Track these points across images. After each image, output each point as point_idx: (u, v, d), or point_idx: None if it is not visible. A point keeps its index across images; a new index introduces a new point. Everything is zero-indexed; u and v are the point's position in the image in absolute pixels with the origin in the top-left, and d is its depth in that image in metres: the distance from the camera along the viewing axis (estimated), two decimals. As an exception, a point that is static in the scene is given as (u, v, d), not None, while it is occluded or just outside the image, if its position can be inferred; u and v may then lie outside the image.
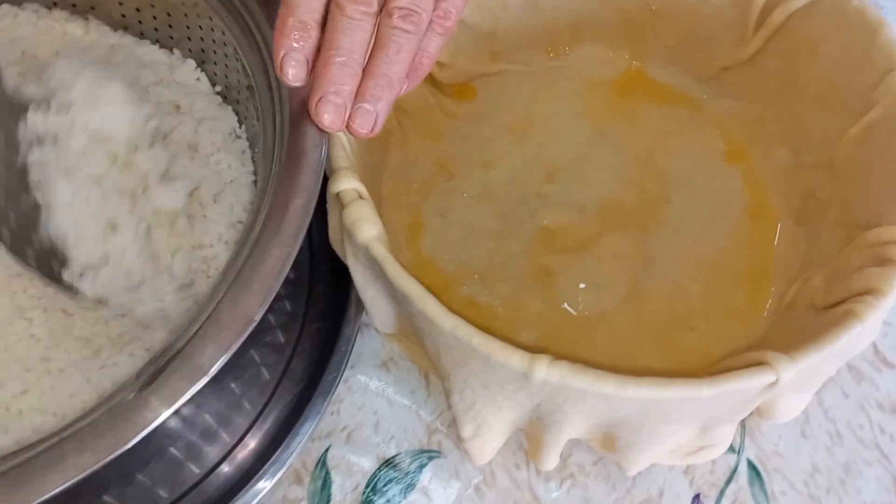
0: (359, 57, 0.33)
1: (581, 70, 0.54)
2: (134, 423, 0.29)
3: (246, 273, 0.32)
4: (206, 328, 0.31)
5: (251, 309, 0.31)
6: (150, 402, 0.29)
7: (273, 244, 0.32)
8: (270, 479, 0.41)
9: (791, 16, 0.45)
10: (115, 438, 0.28)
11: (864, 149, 0.42)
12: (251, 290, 0.31)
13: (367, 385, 0.46)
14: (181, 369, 0.30)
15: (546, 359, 0.34)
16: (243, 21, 0.42)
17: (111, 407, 0.29)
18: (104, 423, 0.29)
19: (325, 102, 0.33)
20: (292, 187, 0.34)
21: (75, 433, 0.29)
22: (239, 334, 0.30)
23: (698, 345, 0.46)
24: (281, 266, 0.32)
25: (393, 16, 0.33)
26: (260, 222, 0.33)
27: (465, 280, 0.47)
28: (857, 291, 0.37)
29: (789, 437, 0.45)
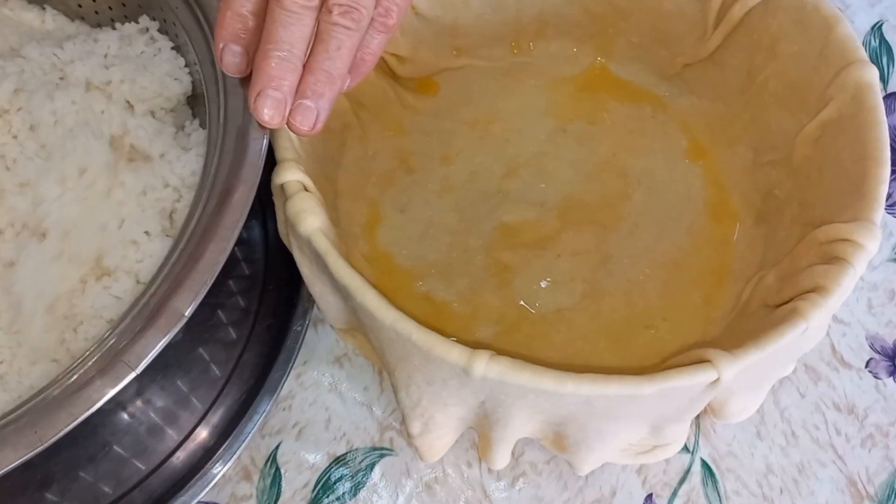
0: (298, 52, 0.33)
1: (545, 66, 0.53)
2: (56, 420, 0.28)
3: (180, 268, 0.31)
4: (135, 324, 0.30)
5: (182, 305, 0.30)
6: (74, 398, 0.29)
7: (210, 239, 0.32)
8: (217, 474, 0.41)
9: (749, 12, 0.45)
10: (36, 436, 0.28)
11: (819, 147, 0.42)
12: (184, 286, 0.31)
13: (319, 381, 0.46)
14: (109, 366, 0.29)
15: (486, 354, 0.33)
16: (194, 12, 0.41)
17: (34, 404, 0.29)
18: (27, 420, 0.28)
19: (263, 97, 0.33)
20: (231, 181, 0.33)
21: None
22: (168, 331, 0.30)
23: (655, 343, 0.45)
24: (215, 261, 0.31)
25: (333, 12, 0.33)
26: (197, 216, 0.33)
27: (423, 275, 0.47)
28: (805, 289, 0.36)
29: (744, 438, 0.45)
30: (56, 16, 0.48)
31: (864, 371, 0.47)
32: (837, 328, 0.48)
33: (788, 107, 0.45)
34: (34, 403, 0.30)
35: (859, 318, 0.48)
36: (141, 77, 0.42)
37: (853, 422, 0.45)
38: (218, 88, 0.37)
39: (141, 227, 0.38)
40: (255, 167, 0.34)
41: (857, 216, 0.37)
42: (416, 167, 0.50)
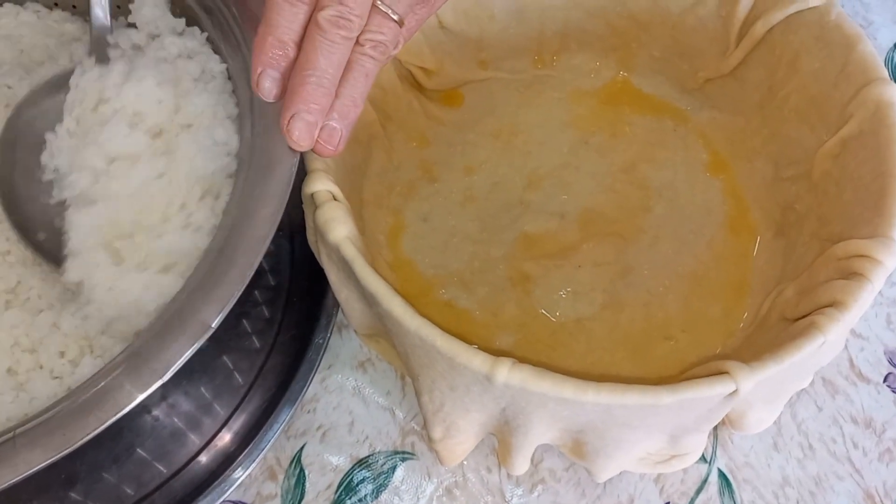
0: (333, 78, 0.34)
1: (567, 79, 0.54)
2: (85, 423, 0.29)
3: (208, 280, 0.32)
4: (163, 334, 0.31)
5: (209, 316, 0.31)
6: (102, 403, 0.30)
7: (238, 253, 0.33)
8: (237, 480, 0.42)
9: (772, 29, 0.45)
10: (65, 438, 0.29)
11: (839, 163, 0.42)
12: (211, 297, 0.32)
13: (343, 385, 0.47)
14: (136, 373, 0.30)
15: (508, 362, 0.34)
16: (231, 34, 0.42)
17: (64, 406, 0.30)
18: (56, 422, 0.30)
19: (296, 119, 0.34)
20: (261, 196, 0.34)
21: (29, 430, 0.30)
22: (194, 341, 0.31)
23: (674, 355, 0.46)
24: (242, 275, 0.32)
25: (365, 46, 0.35)
26: (226, 228, 0.34)
27: (445, 283, 0.48)
28: (823, 304, 0.37)
29: (761, 449, 0.45)
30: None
31: (882, 385, 0.47)
32: (856, 342, 0.48)
33: (809, 122, 0.45)
34: (64, 406, 0.31)
35: (878, 333, 0.48)
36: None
37: (871, 436, 0.45)
38: (252, 106, 0.38)
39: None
40: (286, 184, 0.35)
41: (876, 232, 0.37)
42: (439, 177, 0.51)
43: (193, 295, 0.33)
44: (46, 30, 0.48)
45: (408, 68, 0.50)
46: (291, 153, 0.36)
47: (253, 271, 0.34)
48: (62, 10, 0.50)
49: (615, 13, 0.51)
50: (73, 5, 0.50)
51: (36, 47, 0.48)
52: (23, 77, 0.44)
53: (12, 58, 0.47)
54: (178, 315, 0.33)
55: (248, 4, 0.41)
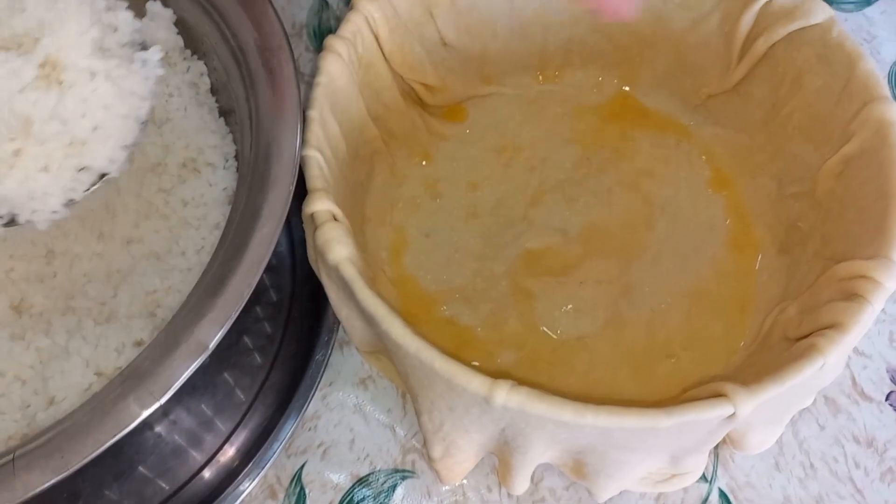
0: None
1: (570, 94, 0.54)
2: (83, 446, 0.30)
3: (205, 300, 0.32)
4: (159, 354, 0.31)
5: (207, 337, 0.31)
6: (100, 425, 0.30)
7: (236, 273, 0.33)
8: (239, 496, 0.42)
9: (773, 46, 0.45)
10: (63, 460, 0.29)
11: (842, 181, 0.42)
12: (208, 318, 0.32)
13: (344, 402, 0.47)
14: (134, 394, 0.30)
15: (506, 384, 0.34)
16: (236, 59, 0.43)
17: (62, 429, 0.30)
18: (54, 444, 0.30)
19: None
20: (258, 218, 0.34)
21: (27, 452, 0.30)
22: (192, 361, 0.31)
23: (676, 373, 0.46)
24: (240, 296, 0.32)
25: None
26: (224, 250, 0.34)
27: (447, 300, 0.48)
28: (824, 325, 0.37)
29: (762, 468, 0.45)
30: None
31: (884, 404, 0.47)
32: (858, 360, 0.48)
33: (812, 140, 0.45)
34: (62, 428, 0.31)
35: (880, 351, 0.48)
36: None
37: (873, 455, 0.45)
38: (251, 122, 0.39)
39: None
40: (283, 203, 0.35)
41: (877, 253, 0.37)
42: (442, 193, 0.51)
43: (191, 315, 0.33)
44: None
45: (410, 85, 0.50)
46: (290, 174, 0.36)
47: (251, 291, 0.34)
48: None
49: (618, 29, 0.51)
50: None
51: None
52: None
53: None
54: (176, 335, 0.33)
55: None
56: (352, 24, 0.44)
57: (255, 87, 0.41)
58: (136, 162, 0.44)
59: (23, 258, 0.42)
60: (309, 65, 0.58)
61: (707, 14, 0.47)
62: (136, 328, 0.39)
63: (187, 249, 0.42)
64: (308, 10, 0.60)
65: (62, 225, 0.43)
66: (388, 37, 0.46)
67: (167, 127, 0.44)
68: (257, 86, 0.41)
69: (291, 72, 0.40)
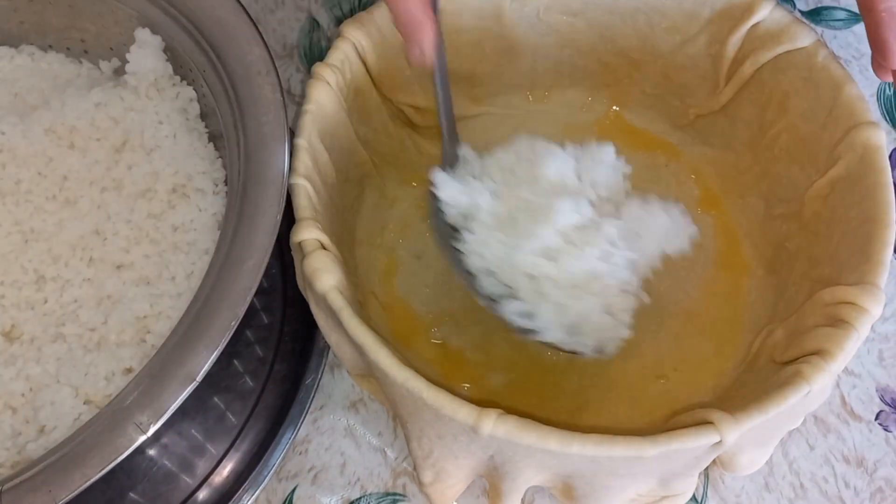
0: None
1: (560, 114, 0.54)
2: (70, 480, 0.30)
3: (192, 332, 0.33)
4: (148, 388, 0.32)
5: (194, 368, 0.32)
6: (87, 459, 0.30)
7: (222, 304, 0.33)
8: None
9: (760, 68, 0.45)
10: (50, 495, 0.29)
11: (829, 204, 0.42)
12: (196, 349, 0.32)
13: (335, 425, 0.47)
14: (120, 427, 0.31)
15: (493, 413, 0.34)
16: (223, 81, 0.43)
17: (49, 462, 0.30)
18: (41, 478, 0.30)
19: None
20: (246, 247, 0.35)
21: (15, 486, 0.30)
22: (179, 393, 0.31)
23: (666, 394, 0.46)
24: (227, 327, 0.33)
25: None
26: (211, 280, 0.34)
27: (437, 322, 0.48)
28: (809, 351, 0.37)
29: (752, 489, 0.45)
30: (92, 69, 0.50)
31: (873, 423, 0.47)
32: (848, 380, 0.48)
33: (799, 162, 0.45)
34: (49, 462, 0.31)
35: (870, 370, 0.48)
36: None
37: (862, 475, 0.45)
38: (239, 153, 0.39)
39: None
40: (270, 234, 0.35)
41: (862, 279, 0.37)
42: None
43: (178, 347, 0.34)
44: (41, 73, 0.49)
45: (400, 107, 0.50)
46: (276, 204, 0.36)
47: (238, 322, 0.34)
48: (57, 52, 0.50)
49: (606, 51, 0.51)
50: (67, 47, 0.50)
51: (31, 91, 0.48)
52: (16, 123, 0.44)
53: (8, 102, 0.47)
54: (165, 365, 0.33)
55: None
56: (339, 52, 0.44)
57: (242, 114, 0.41)
58: (126, 188, 0.44)
59: (13, 284, 0.43)
60: (300, 85, 0.59)
61: (694, 36, 0.47)
62: (126, 356, 0.39)
63: (177, 275, 0.42)
64: (299, 30, 0.60)
65: (52, 250, 0.43)
66: (375, 61, 0.46)
67: (157, 153, 0.44)
68: (245, 112, 0.41)
69: (279, 98, 0.41)
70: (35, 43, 0.50)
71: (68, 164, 0.44)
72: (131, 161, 0.45)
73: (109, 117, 0.45)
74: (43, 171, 0.44)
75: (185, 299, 0.41)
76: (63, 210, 0.44)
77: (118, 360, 0.38)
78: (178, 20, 0.44)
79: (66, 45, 0.50)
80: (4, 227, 0.43)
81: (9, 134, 0.44)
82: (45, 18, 0.49)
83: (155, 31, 0.45)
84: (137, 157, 0.45)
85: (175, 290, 0.42)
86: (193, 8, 0.43)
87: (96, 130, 0.45)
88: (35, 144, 0.44)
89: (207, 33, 0.43)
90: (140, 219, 0.44)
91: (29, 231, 0.43)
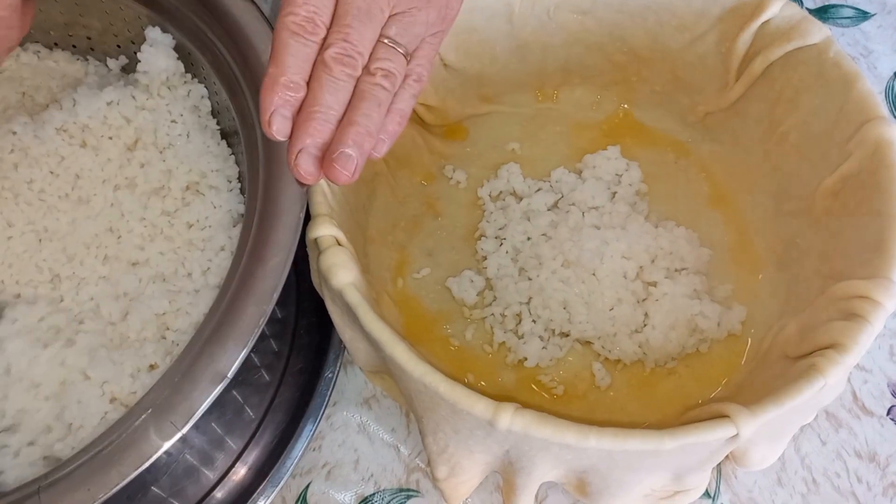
0: (338, 114, 0.35)
1: (569, 112, 0.54)
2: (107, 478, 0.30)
3: (220, 331, 0.33)
4: (179, 386, 0.32)
5: (224, 366, 0.32)
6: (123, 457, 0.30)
7: (249, 302, 0.33)
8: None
9: (770, 66, 0.46)
10: (89, 493, 0.30)
11: (840, 200, 0.43)
12: (225, 347, 0.32)
13: (349, 422, 0.47)
14: (156, 425, 0.31)
15: (511, 407, 0.35)
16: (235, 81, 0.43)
17: (86, 460, 0.30)
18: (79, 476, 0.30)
19: (304, 154, 0.34)
20: (269, 246, 0.35)
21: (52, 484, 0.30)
22: (210, 391, 0.31)
23: (678, 390, 0.46)
24: (255, 324, 0.33)
25: (376, 76, 0.35)
26: (237, 278, 0.34)
27: (449, 319, 0.48)
28: (823, 345, 0.37)
29: (765, 484, 0.45)
30: (98, 66, 0.50)
31: (885, 419, 0.47)
32: (859, 375, 0.48)
33: (809, 158, 0.45)
34: (86, 460, 0.31)
35: (881, 366, 0.48)
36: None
37: (875, 469, 0.46)
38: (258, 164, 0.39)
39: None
40: (294, 232, 0.35)
41: (876, 273, 0.37)
42: (442, 212, 0.52)
43: (207, 345, 0.34)
44: (48, 70, 0.49)
45: (410, 105, 0.50)
46: (299, 202, 0.36)
47: (266, 319, 0.34)
48: (62, 49, 0.50)
49: (615, 49, 0.51)
50: (72, 45, 0.50)
51: (39, 89, 0.48)
52: (27, 123, 0.44)
53: (16, 101, 0.47)
54: (194, 365, 0.33)
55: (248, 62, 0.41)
56: (353, 49, 0.44)
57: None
58: (140, 186, 0.44)
59: (29, 284, 0.43)
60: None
61: (704, 34, 0.48)
62: (149, 352, 0.39)
63: (193, 271, 0.43)
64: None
65: (67, 249, 0.43)
66: (388, 60, 0.46)
67: (170, 151, 0.45)
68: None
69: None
70: (40, 41, 0.50)
71: (81, 162, 0.44)
72: (144, 159, 0.45)
73: (122, 116, 0.45)
74: (55, 170, 0.44)
75: (202, 296, 0.41)
76: (76, 209, 0.44)
77: (142, 357, 0.39)
78: (190, 18, 0.44)
79: (71, 42, 0.50)
80: (18, 227, 0.43)
81: (20, 133, 0.44)
82: (49, 16, 0.49)
83: (165, 29, 0.45)
84: (150, 155, 0.45)
85: (192, 286, 0.42)
86: (206, 6, 0.43)
87: (108, 129, 0.45)
88: (47, 144, 0.44)
89: (221, 32, 0.43)
90: (154, 216, 0.44)
91: (43, 230, 0.43)
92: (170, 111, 0.45)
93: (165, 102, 0.46)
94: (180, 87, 0.46)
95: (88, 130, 0.45)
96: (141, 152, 0.45)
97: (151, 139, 0.45)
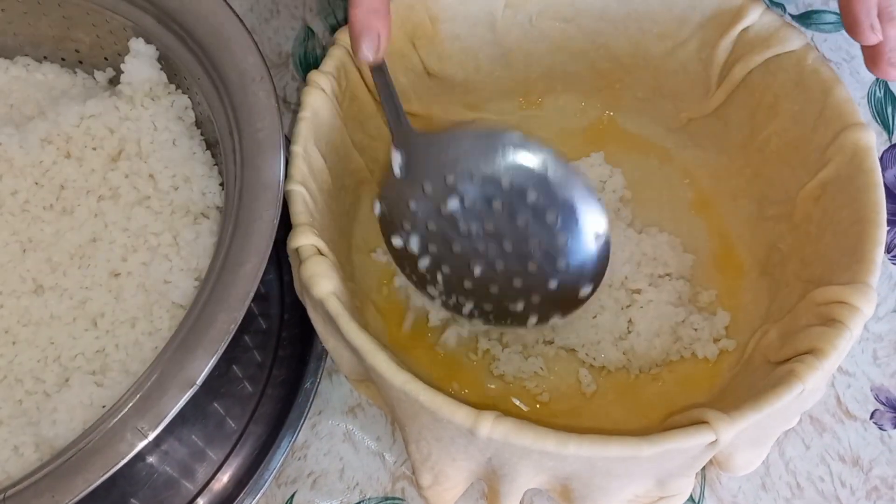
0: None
1: (553, 119, 0.55)
2: (72, 485, 0.30)
3: (191, 337, 0.33)
4: (147, 393, 0.32)
5: (194, 373, 0.32)
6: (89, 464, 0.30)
7: (220, 309, 0.33)
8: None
9: (751, 72, 0.46)
10: (53, 500, 0.30)
11: (820, 205, 0.43)
12: (195, 354, 0.32)
13: (334, 431, 0.47)
14: (121, 432, 0.31)
15: (491, 415, 0.35)
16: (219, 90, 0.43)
17: (51, 468, 0.30)
18: (44, 484, 0.30)
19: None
20: (243, 251, 0.35)
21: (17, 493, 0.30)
22: (179, 398, 0.31)
23: (662, 395, 0.46)
24: (225, 331, 0.33)
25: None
26: (209, 286, 0.34)
27: (434, 327, 0.48)
28: (803, 350, 0.37)
29: (749, 489, 0.45)
30: (87, 79, 0.50)
31: (868, 422, 0.47)
32: (842, 379, 0.48)
33: (790, 164, 0.46)
34: (51, 468, 0.31)
35: (864, 370, 0.49)
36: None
37: (858, 473, 0.46)
38: (235, 159, 0.39)
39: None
40: (268, 238, 0.35)
41: (855, 278, 0.38)
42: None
43: (177, 352, 0.34)
44: (36, 84, 0.49)
45: (394, 114, 0.50)
46: (272, 206, 0.37)
47: (237, 326, 0.34)
48: (51, 62, 0.50)
49: (598, 56, 0.51)
50: (62, 58, 0.50)
51: (26, 102, 0.48)
52: (12, 134, 0.44)
53: (3, 113, 0.48)
54: (163, 372, 0.33)
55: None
56: (334, 59, 0.44)
57: (237, 120, 0.41)
58: (123, 196, 0.44)
59: (12, 294, 0.43)
60: (296, 93, 0.59)
61: (685, 42, 0.48)
62: (128, 360, 0.39)
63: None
64: (294, 39, 0.61)
65: (51, 259, 0.43)
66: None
67: (153, 162, 0.45)
68: (240, 118, 0.41)
69: (274, 104, 0.41)
70: (30, 54, 0.50)
71: (65, 173, 0.45)
72: (128, 170, 0.45)
73: (105, 126, 0.45)
74: (40, 180, 0.45)
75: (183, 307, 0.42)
76: (61, 219, 0.44)
77: (121, 365, 0.39)
78: (173, 29, 0.45)
79: (60, 55, 0.50)
80: (2, 237, 0.43)
81: (5, 144, 0.44)
82: (39, 30, 0.49)
83: (149, 40, 0.45)
84: (134, 165, 0.45)
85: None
86: (188, 17, 0.44)
87: (92, 139, 0.45)
88: (31, 154, 0.44)
89: (202, 42, 0.43)
90: (137, 227, 0.44)
91: (27, 241, 0.43)
92: (153, 121, 0.45)
93: (149, 113, 0.46)
94: (164, 97, 0.46)
95: (72, 141, 0.45)
96: (125, 163, 0.45)
97: (135, 150, 0.45)
